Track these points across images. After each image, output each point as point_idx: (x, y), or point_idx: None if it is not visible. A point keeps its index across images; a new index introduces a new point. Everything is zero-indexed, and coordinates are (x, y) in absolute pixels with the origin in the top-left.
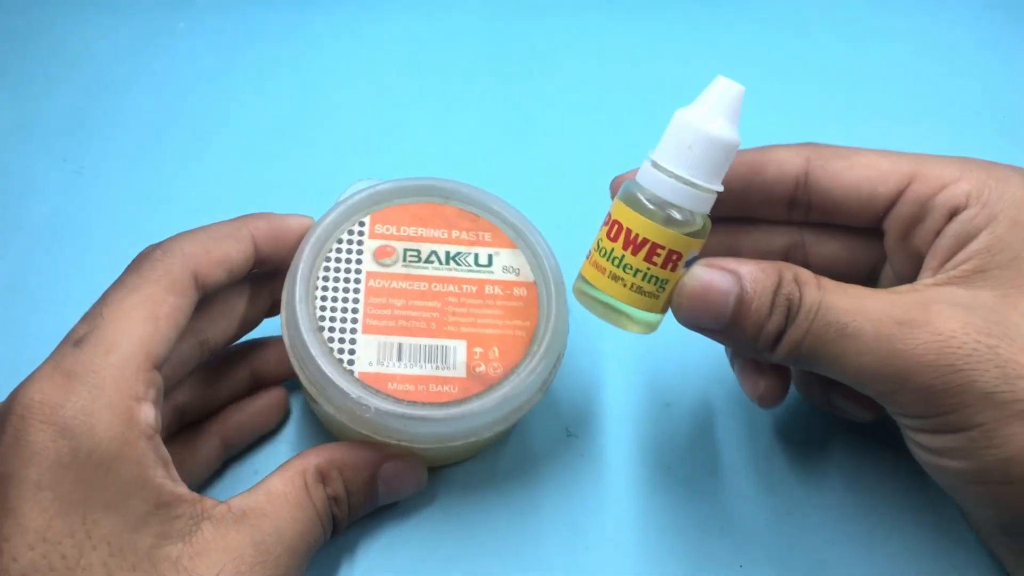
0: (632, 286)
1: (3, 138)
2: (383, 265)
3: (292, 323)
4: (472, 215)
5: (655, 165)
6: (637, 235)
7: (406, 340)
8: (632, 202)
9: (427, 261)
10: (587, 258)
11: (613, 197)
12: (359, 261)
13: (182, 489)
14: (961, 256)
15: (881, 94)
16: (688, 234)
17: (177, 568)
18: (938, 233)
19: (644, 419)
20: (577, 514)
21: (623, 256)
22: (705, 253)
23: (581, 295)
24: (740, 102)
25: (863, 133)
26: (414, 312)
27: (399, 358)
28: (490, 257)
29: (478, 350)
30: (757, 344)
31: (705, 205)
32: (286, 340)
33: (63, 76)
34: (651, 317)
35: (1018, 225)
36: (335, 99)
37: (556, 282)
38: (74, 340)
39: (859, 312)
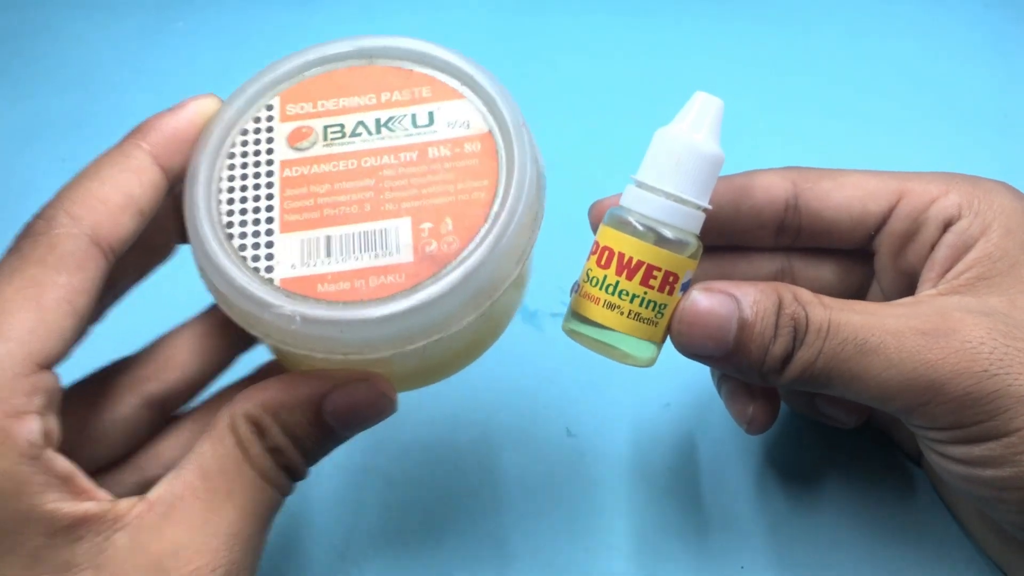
0: (630, 313)
1: (3, 138)
2: (299, 150)
3: (195, 236)
4: (404, 71)
5: (640, 186)
6: (631, 258)
7: (335, 231)
8: (621, 225)
9: (353, 135)
10: (575, 293)
11: (593, 225)
12: (270, 151)
13: (83, 505)
14: (961, 266)
15: (881, 94)
16: (682, 255)
17: None
18: (933, 246)
19: (644, 419)
20: (577, 514)
21: (618, 282)
22: (695, 282)
23: (573, 333)
24: (720, 116)
25: (864, 134)
26: (342, 197)
27: (328, 254)
28: (431, 115)
29: (426, 225)
30: (762, 368)
31: (696, 223)
32: (194, 259)
33: (62, 76)
34: (650, 348)
35: (1012, 233)
36: None
37: (517, 126)
38: None
39: (876, 327)
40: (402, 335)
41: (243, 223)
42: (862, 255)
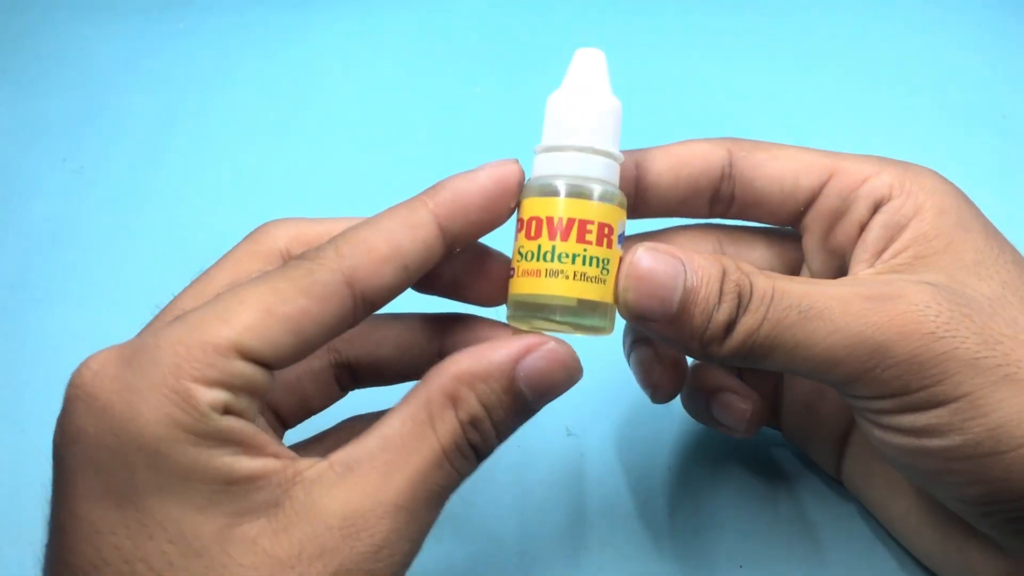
0: (575, 275)
1: (3, 138)
2: None
3: None
4: None
5: (548, 150)
6: (561, 219)
7: None
8: (542, 191)
9: None
10: (510, 277)
11: (510, 204)
12: None
13: (262, 460)
14: (896, 246)
15: (881, 94)
16: (611, 204)
17: (253, 550)
18: (863, 226)
19: (644, 419)
20: (577, 514)
21: (554, 246)
22: (626, 245)
23: (522, 322)
24: (606, 67)
25: (863, 133)
26: None
27: None
28: None
29: None
30: (704, 336)
31: (613, 173)
32: None
33: (63, 76)
34: (603, 315)
35: (945, 212)
36: (335, 98)
37: None
38: (175, 315)
39: (820, 294)
40: None
41: None
42: (793, 239)
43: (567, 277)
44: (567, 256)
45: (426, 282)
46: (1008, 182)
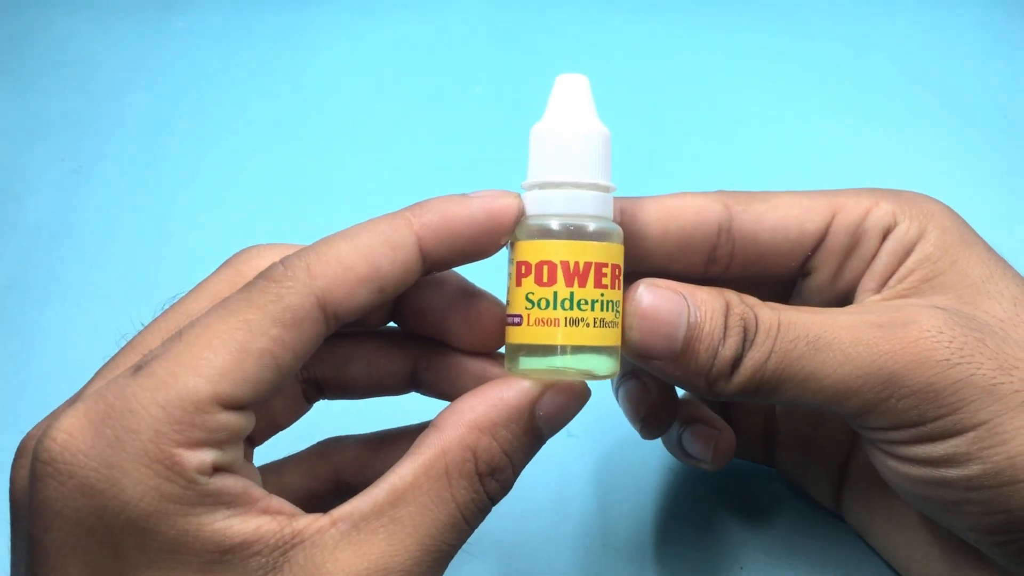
0: (595, 321)
1: (1, 137)
2: None
3: None
4: None
5: (544, 187)
6: (578, 263)
7: None
8: (546, 233)
9: None
10: (514, 326)
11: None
12: None
13: (256, 521)
14: (902, 271)
15: (881, 95)
16: (619, 243)
17: None
18: (873, 257)
19: None
20: (577, 515)
21: (572, 293)
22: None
23: (531, 373)
24: (589, 91)
25: (864, 134)
26: None
27: None
28: None
29: None
30: (710, 373)
31: (612, 208)
32: None
33: (62, 76)
34: (613, 359)
35: (947, 231)
36: (334, 98)
37: None
38: (136, 365)
39: (828, 323)
40: None
41: None
42: (780, 280)
43: (588, 325)
44: (586, 303)
45: (413, 323)
46: (1010, 182)
